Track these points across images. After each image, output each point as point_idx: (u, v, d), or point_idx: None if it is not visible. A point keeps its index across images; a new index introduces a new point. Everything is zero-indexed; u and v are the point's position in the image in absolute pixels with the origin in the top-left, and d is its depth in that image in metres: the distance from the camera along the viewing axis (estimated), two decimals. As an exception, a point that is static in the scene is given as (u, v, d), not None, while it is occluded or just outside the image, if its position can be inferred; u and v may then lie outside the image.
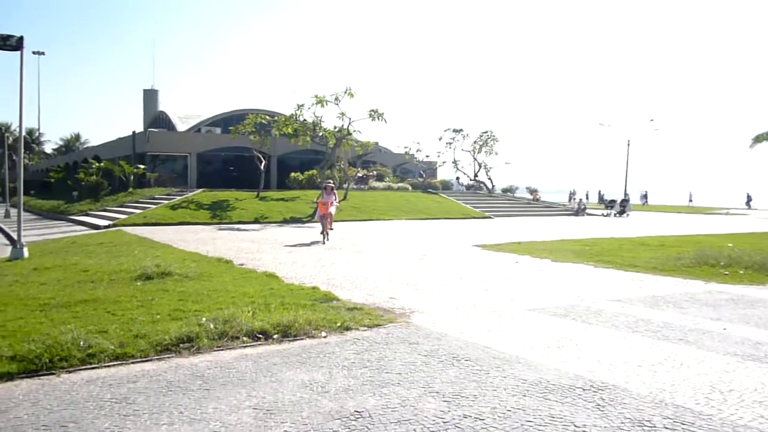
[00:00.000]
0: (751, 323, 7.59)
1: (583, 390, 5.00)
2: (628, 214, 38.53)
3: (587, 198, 53.88)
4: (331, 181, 20.21)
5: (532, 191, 48.69)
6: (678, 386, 5.12)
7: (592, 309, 8.35)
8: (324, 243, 16.66)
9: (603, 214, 39.10)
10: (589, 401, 4.74)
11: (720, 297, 9.39)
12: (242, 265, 12.07)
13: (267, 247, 15.71)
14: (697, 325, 7.45)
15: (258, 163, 32.65)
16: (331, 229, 17.62)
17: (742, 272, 11.71)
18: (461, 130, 45.72)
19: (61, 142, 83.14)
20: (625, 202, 40.80)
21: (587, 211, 39.49)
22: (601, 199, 48.99)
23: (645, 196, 61.88)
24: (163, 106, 57.23)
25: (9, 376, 5.18)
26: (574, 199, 42.92)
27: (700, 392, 4.98)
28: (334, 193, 18.30)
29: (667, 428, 4.24)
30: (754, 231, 25.20)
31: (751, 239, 19.94)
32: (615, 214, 38.59)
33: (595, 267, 12.67)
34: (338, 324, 7.03)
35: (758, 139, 43.04)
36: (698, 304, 8.78)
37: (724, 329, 7.22)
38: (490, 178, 46.99)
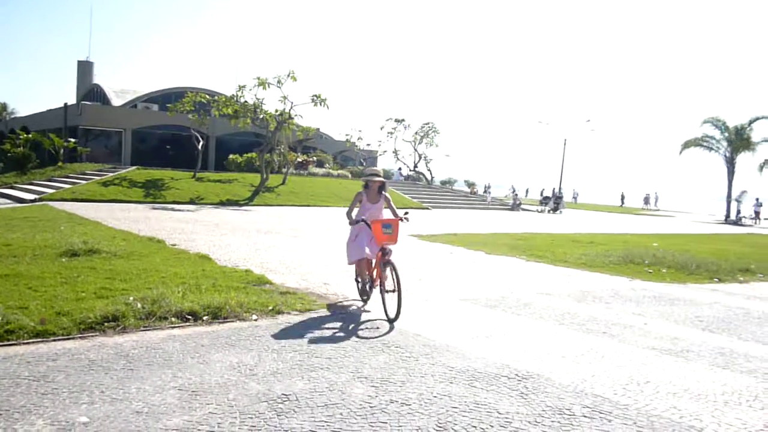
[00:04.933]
0: (671, 320, 7.92)
1: (508, 378, 5.12)
2: (561, 211, 39.62)
3: (493, 192, 54.53)
4: (378, 170, 8.28)
5: (470, 185, 49.45)
6: (598, 377, 5.30)
7: (522, 301, 8.55)
8: (392, 323, 6.82)
9: (538, 210, 40.07)
10: (513, 389, 4.86)
11: (643, 294, 9.75)
12: (175, 245, 11.82)
13: (201, 228, 15.41)
14: (620, 319, 7.72)
15: (195, 143, 31.93)
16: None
17: (665, 271, 12.19)
18: (403, 120, 46.03)
19: (-14, 112, 79.24)
20: (558, 199, 41.95)
21: (522, 206, 40.46)
22: (555, 195, 50.14)
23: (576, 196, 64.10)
24: (98, 79, 55.21)
25: None
26: (488, 192, 44.08)
27: (619, 383, 5.17)
28: (386, 197, 7.76)
29: (585, 416, 4.38)
30: (679, 232, 26.24)
31: (676, 240, 20.75)
32: (549, 211, 39.62)
33: (527, 261, 12.96)
34: (270, 307, 6.98)
35: (687, 145, 44.94)
36: (622, 300, 9.10)
37: (645, 324, 7.52)
38: (429, 170, 47.49)
